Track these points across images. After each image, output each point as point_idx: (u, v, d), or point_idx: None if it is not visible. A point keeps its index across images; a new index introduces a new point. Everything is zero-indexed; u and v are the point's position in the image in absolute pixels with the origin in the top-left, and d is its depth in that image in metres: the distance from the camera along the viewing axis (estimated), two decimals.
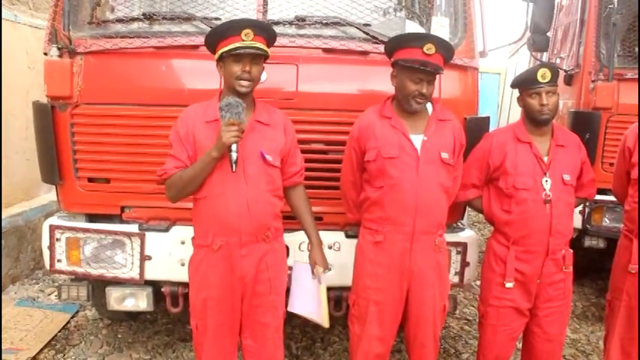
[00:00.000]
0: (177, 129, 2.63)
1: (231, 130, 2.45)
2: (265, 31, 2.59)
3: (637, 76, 4.60)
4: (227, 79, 2.58)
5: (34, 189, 5.74)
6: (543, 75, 2.87)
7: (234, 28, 2.49)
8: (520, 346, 3.29)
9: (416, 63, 2.64)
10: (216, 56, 2.57)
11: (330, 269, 2.94)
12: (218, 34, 2.54)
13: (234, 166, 2.50)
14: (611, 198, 3.84)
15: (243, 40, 2.47)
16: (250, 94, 2.62)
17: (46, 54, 3.14)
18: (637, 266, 3.03)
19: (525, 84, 2.95)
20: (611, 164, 3.89)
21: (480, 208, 3.17)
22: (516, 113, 3.41)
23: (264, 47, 2.54)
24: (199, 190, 2.61)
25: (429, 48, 2.62)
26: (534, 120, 2.95)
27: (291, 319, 2.98)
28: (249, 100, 2.61)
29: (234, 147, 2.48)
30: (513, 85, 3.07)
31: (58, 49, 3.10)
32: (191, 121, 2.62)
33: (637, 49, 4.72)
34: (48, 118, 3.15)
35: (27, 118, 3.59)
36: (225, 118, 2.47)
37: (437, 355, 3.06)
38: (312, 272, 2.83)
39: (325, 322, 2.82)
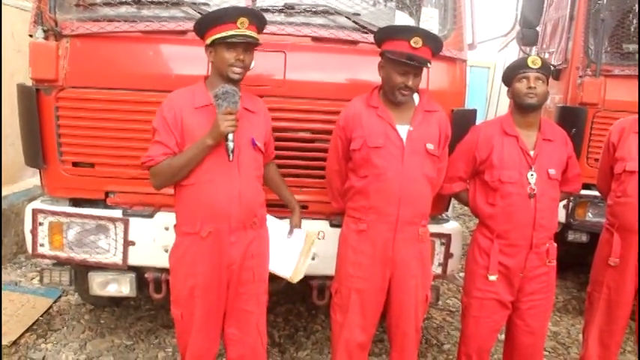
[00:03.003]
0: (164, 114, 2.59)
1: (228, 119, 2.44)
2: (259, 19, 2.58)
3: (624, 73, 4.64)
4: (219, 66, 2.56)
5: (18, 173, 5.69)
6: (534, 61, 2.90)
7: (230, 15, 2.47)
8: (502, 337, 3.32)
9: (402, 56, 2.64)
10: (208, 42, 2.54)
11: (313, 258, 2.95)
12: (212, 20, 2.51)
13: (231, 155, 2.50)
14: (595, 193, 3.88)
15: (239, 29, 2.45)
16: (239, 82, 2.61)
17: (31, 36, 3.10)
18: (617, 259, 3.07)
19: (516, 69, 2.96)
20: (596, 160, 3.92)
21: (465, 200, 3.18)
22: (504, 108, 3.42)
23: (257, 36, 2.54)
24: (187, 177, 2.59)
25: (417, 41, 2.62)
26: (521, 106, 2.95)
27: (274, 307, 2.99)
28: (238, 87, 2.60)
29: (230, 136, 2.48)
30: (504, 76, 3.06)
31: (44, 31, 3.06)
32: (178, 107, 2.59)
33: (630, 47, 4.76)
34: (32, 102, 3.12)
35: (12, 103, 3.54)
36: (221, 107, 2.46)
37: (418, 345, 3.09)
38: (290, 232, 2.95)
39: (295, 276, 2.92)
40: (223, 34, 2.46)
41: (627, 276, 3.09)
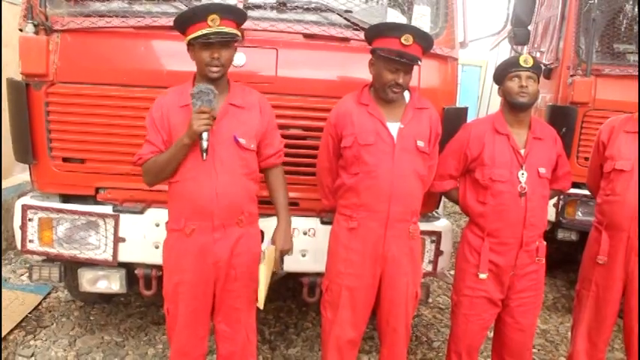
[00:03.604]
0: (152, 114, 2.61)
1: (201, 117, 2.43)
2: (232, 13, 2.54)
3: (614, 73, 4.67)
4: (198, 65, 2.55)
5: (8, 168, 5.65)
6: (525, 60, 2.90)
7: (198, 14, 2.45)
8: (491, 335, 3.33)
9: (392, 53, 2.64)
10: (185, 42, 2.54)
11: (304, 255, 2.94)
12: (184, 20, 2.50)
13: (204, 154, 2.49)
14: (585, 192, 3.90)
15: (210, 27, 2.43)
16: (223, 78, 2.59)
17: (21, 30, 3.08)
18: (605, 257, 3.09)
19: (507, 67, 2.96)
20: (586, 158, 3.94)
21: (455, 198, 3.18)
22: (496, 106, 3.43)
23: (233, 30, 2.50)
24: (173, 175, 2.60)
25: (407, 39, 2.62)
26: (513, 105, 2.95)
27: (264, 304, 2.98)
28: (222, 84, 2.58)
29: (204, 135, 2.46)
30: (496, 75, 3.06)
31: (34, 25, 3.05)
32: (166, 106, 2.60)
33: (620, 46, 4.79)
34: (22, 96, 3.10)
35: (2, 98, 3.52)
36: (195, 106, 2.45)
37: (408, 342, 3.10)
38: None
39: (260, 303, 2.71)
40: (197, 33, 2.44)
41: (615, 274, 3.11)
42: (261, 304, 2.71)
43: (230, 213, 2.61)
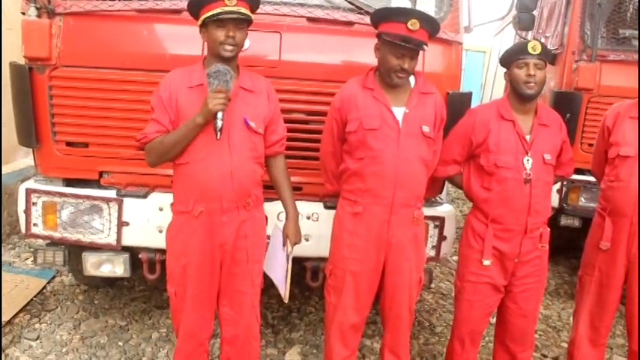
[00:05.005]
0: (160, 93, 2.59)
1: (218, 97, 2.43)
2: None
3: (619, 58, 4.64)
4: (211, 45, 2.55)
5: (10, 153, 5.65)
6: (534, 47, 2.85)
7: None
8: (494, 320, 3.34)
9: (398, 38, 2.62)
10: (199, 22, 2.53)
11: (307, 240, 2.94)
12: (201, 0, 2.50)
13: (218, 133, 2.48)
14: (589, 178, 3.90)
15: (227, 6, 2.44)
16: (234, 60, 2.59)
17: (24, 14, 3.07)
18: (608, 243, 3.09)
19: (515, 54, 2.93)
20: (591, 145, 3.93)
21: (460, 184, 3.17)
22: (499, 92, 3.42)
23: (248, 12, 2.51)
24: (181, 156, 2.59)
25: (413, 23, 2.59)
26: (519, 94, 2.92)
27: (267, 288, 3.00)
28: (233, 66, 2.58)
29: (219, 114, 2.46)
30: (502, 59, 3.03)
31: (37, 9, 3.03)
32: (174, 86, 2.59)
33: (626, 32, 4.76)
34: (25, 80, 3.09)
35: (5, 83, 3.50)
36: (212, 85, 2.45)
37: (411, 327, 3.10)
38: (284, 244, 2.85)
39: (285, 298, 2.86)
40: (213, 11, 2.45)
41: (618, 260, 3.10)
42: (286, 298, 2.85)
43: (239, 195, 2.61)
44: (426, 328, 4.26)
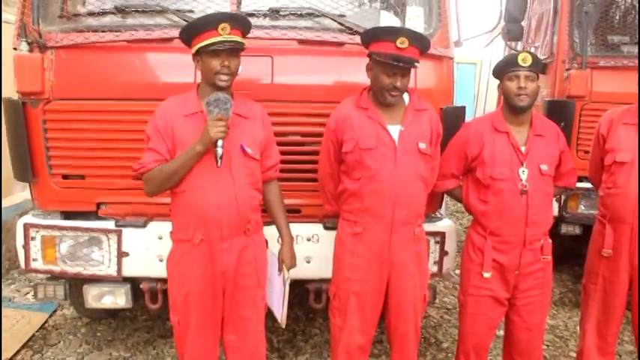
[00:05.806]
0: (156, 122, 2.59)
1: (218, 125, 2.44)
2: (241, 23, 2.57)
3: (610, 65, 4.68)
4: (206, 74, 2.55)
5: (7, 187, 5.63)
6: (524, 59, 2.87)
7: (210, 22, 2.46)
8: (501, 334, 3.32)
9: (388, 57, 2.62)
10: (193, 51, 2.54)
11: (309, 262, 2.92)
12: (194, 29, 2.51)
13: (219, 161, 2.49)
14: (587, 185, 3.89)
15: (220, 35, 2.44)
16: (229, 88, 2.60)
17: (15, 49, 3.08)
18: (610, 250, 3.08)
19: (506, 66, 2.94)
20: (586, 152, 3.93)
21: (459, 197, 3.17)
22: (492, 103, 3.43)
23: (241, 40, 2.53)
24: (179, 185, 2.58)
25: (402, 42, 2.60)
26: (512, 106, 2.94)
27: (271, 312, 2.97)
28: (228, 92, 2.59)
29: (220, 142, 2.47)
30: (494, 71, 3.05)
31: (28, 43, 3.04)
32: (169, 114, 2.59)
33: (614, 38, 4.79)
34: (19, 115, 3.09)
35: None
36: (212, 113, 2.46)
37: (418, 345, 3.08)
38: (279, 269, 2.85)
39: (282, 323, 2.88)
40: (206, 42, 2.45)
41: (621, 266, 3.09)
42: (283, 324, 2.86)
43: (238, 222, 2.61)
44: (432, 345, 4.23)
